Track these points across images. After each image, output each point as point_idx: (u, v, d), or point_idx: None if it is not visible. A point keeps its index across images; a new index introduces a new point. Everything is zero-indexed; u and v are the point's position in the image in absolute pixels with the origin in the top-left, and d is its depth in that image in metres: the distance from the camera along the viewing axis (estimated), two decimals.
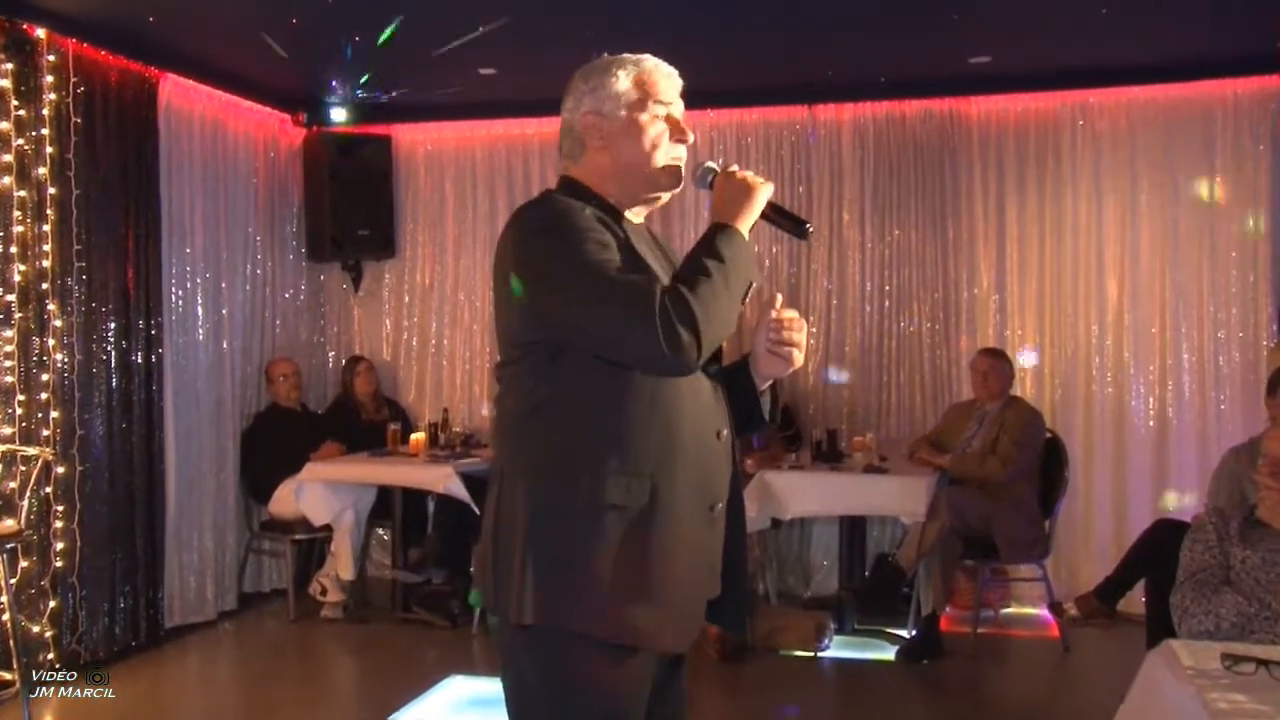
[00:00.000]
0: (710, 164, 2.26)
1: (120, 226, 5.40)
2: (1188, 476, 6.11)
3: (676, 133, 2.24)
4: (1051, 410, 6.31)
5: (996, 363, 5.84)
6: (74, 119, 5.09)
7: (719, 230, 2.11)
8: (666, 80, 2.25)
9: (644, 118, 2.21)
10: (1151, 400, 6.26)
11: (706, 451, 2.15)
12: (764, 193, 2.17)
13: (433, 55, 5.72)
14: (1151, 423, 6.25)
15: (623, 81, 2.22)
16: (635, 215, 2.28)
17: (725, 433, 2.20)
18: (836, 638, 5.63)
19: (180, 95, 5.92)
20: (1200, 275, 6.18)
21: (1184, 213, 6.20)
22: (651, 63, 2.26)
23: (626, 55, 2.27)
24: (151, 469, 5.60)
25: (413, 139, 7.28)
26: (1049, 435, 5.82)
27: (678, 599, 2.12)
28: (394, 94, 6.67)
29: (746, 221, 2.15)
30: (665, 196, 2.29)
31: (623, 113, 2.21)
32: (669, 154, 2.23)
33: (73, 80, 5.09)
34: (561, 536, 2.05)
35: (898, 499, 5.38)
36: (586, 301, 2.00)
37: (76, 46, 5.13)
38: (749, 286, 2.11)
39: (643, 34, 5.58)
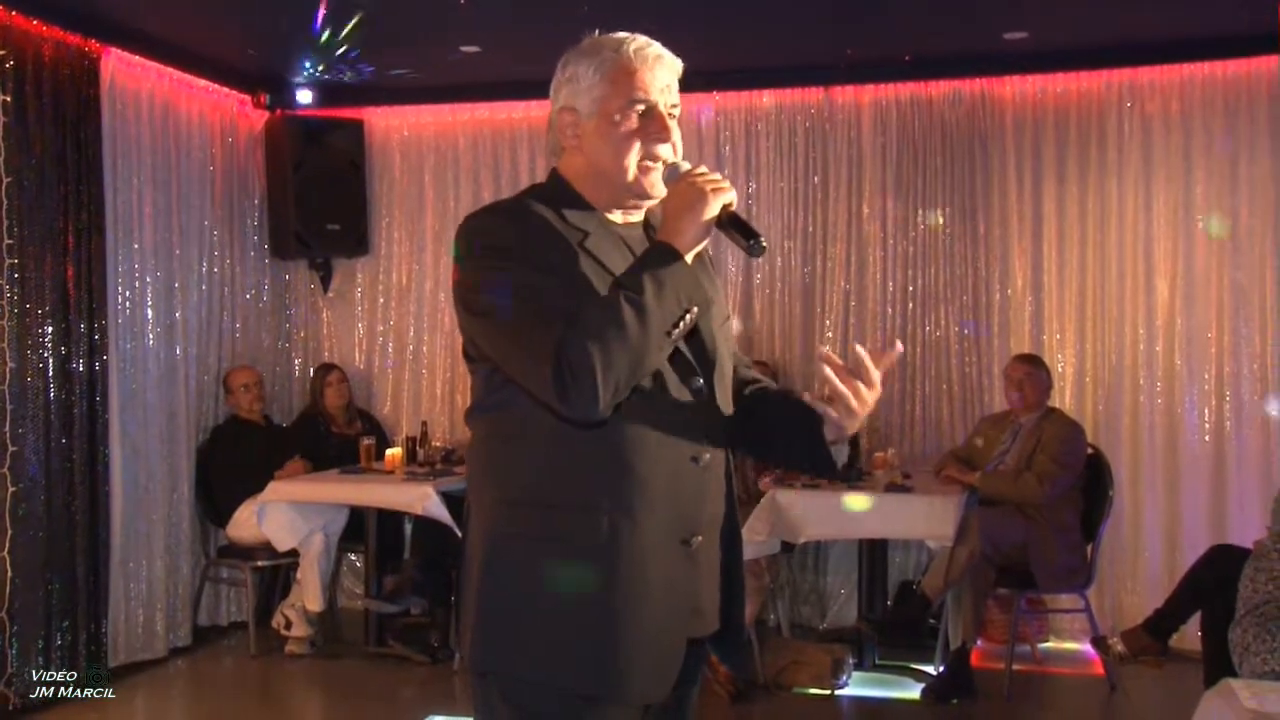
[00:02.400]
0: (682, 164, 2.16)
1: (58, 219, 5.30)
2: (1248, 497, 6.01)
3: (657, 132, 2.13)
4: (1094, 423, 6.24)
5: (1033, 370, 5.78)
6: (3, 97, 5.00)
7: (652, 254, 2.04)
8: (651, 68, 2.14)
9: (616, 118, 2.12)
10: (1207, 413, 6.16)
11: (680, 481, 2.12)
12: (716, 203, 2.06)
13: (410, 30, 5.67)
14: (1207, 438, 6.15)
15: (596, 73, 2.13)
16: (629, 214, 2.21)
17: (708, 456, 2.16)
18: (856, 674, 5.58)
19: (126, 72, 5.84)
20: (1264, 274, 6.07)
21: (1246, 204, 6.10)
22: (633, 47, 2.14)
23: (611, 37, 2.17)
24: (94, 489, 5.49)
25: (387, 124, 7.22)
26: (1091, 451, 5.75)
27: (645, 644, 2.07)
28: (366, 74, 6.61)
29: (691, 237, 2.05)
30: (647, 205, 2.21)
31: (595, 111, 2.13)
32: (645, 160, 2.13)
33: (0, 54, 5.01)
34: (513, 576, 2.08)
35: (923, 521, 5.32)
36: (499, 335, 2.04)
37: (4, 15, 5.04)
38: (682, 316, 2.01)
39: (641, 6, 5.52)
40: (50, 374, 5.27)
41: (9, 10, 5.06)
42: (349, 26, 5.55)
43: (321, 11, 5.47)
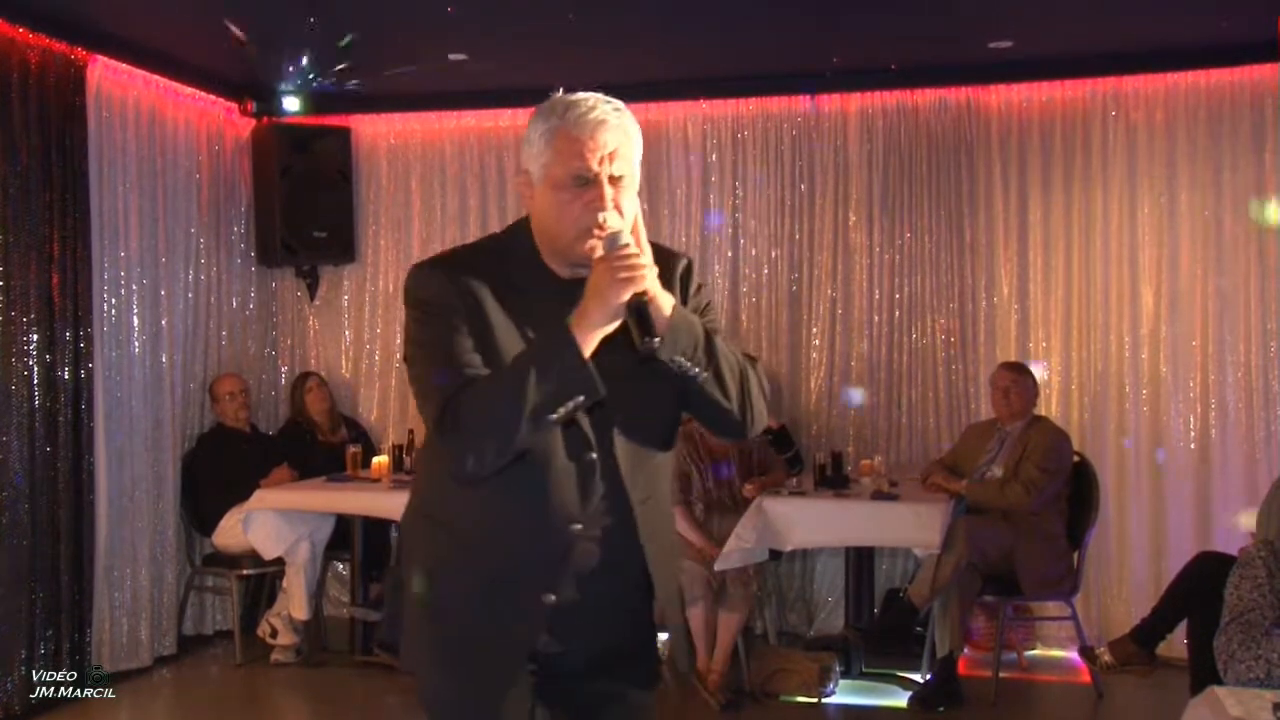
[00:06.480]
0: (622, 236, 2.13)
1: (44, 226, 5.28)
2: (1233, 505, 6.00)
3: (594, 202, 2.13)
4: (1079, 431, 6.25)
5: (1019, 378, 5.79)
6: None
7: (550, 339, 2.10)
8: (593, 134, 2.14)
9: (557, 187, 2.15)
10: (1192, 420, 6.17)
11: (537, 545, 2.23)
12: (625, 293, 2.07)
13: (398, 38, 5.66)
14: (1192, 446, 6.16)
15: (542, 139, 2.16)
16: (578, 271, 2.20)
17: (591, 522, 2.23)
18: (843, 682, 5.58)
19: (112, 80, 5.82)
20: (1248, 282, 6.09)
21: (1230, 213, 6.12)
22: (576, 114, 2.14)
23: (563, 99, 2.18)
24: (79, 498, 5.47)
25: (374, 131, 7.20)
26: (1077, 459, 5.75)
27: (466, 664, 2.29)
28: (354, 81, 6.59)
29: (596, 320, 2.08)
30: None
31: (542, 177, 2.17)
32: (584, 229, 2.14)
33: None
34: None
35: (910, 529, 5.31)
36: (411, 380, 2.24)
37: None
38: (564, 404, 2.06)
39: (629, 14, 5.52)
40: (35, 382, 5.24)
41: None
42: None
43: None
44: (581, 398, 2.06)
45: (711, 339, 2.19)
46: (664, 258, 2.28)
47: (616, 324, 2.09)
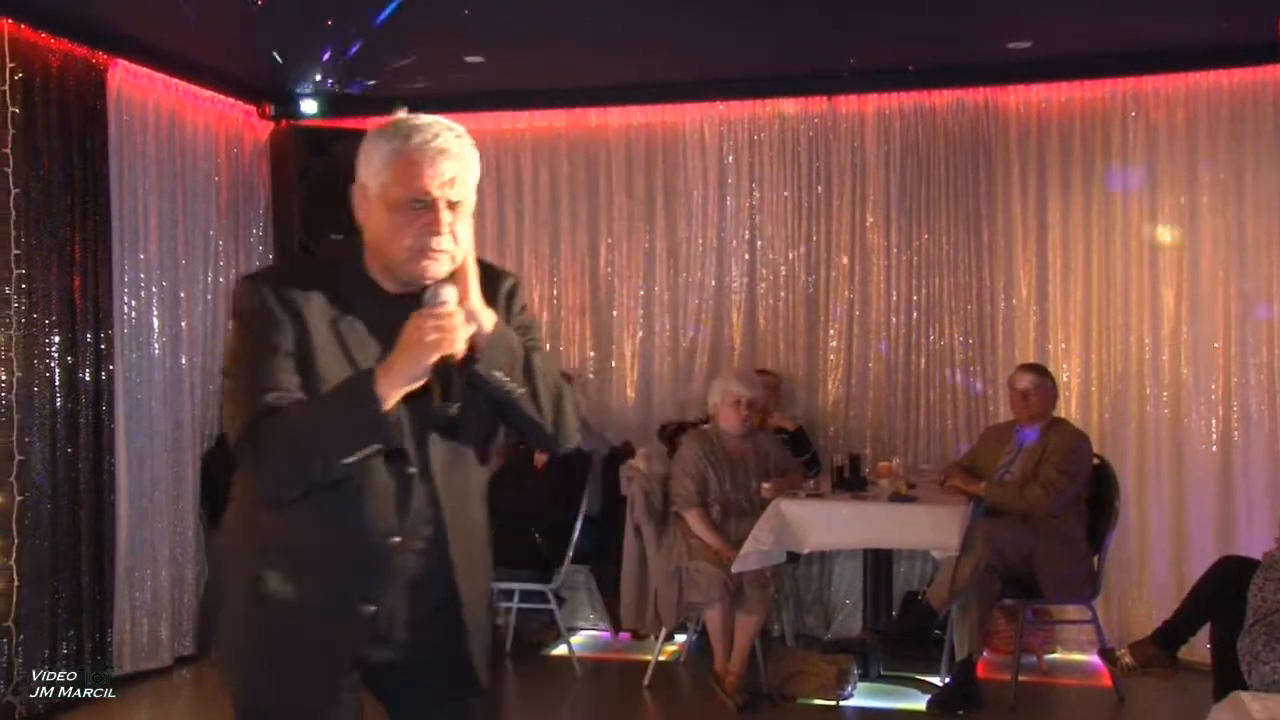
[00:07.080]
0: (444, 291, 2.16)
1: (65, 229, 5.30)
2: (1256, 508, 5.97)
3: (429, 224, 2.16)
4: (1099, 433, 6.21)
5: (1038, 380, 5.76)
6: (11, 109, 5.00)
7: (354, 388, 2.12)
8: (433, 163, 2.17)
9: (394, 208, 2.17)
10: (1214, 422, 6.12)
11: (354, 555, 2.25)
12: (432, 356, 2.09)
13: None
14: (1214, 448, 6.11)
15: (383, 159, 2.19)
16: (409, 287, 2.23)
17: (410, 534, 2.27)
18: (861, 685, 5.56)
19: (133, 83, 5.83)
20: (1270, 284, 6.04)
21: (1251, 214, 6.08)
22: (419, 140, 2.18)
23: (408, 122, 2.21)
24: (100, 498, 5.49)
25: None
26: (1097, 461, 5.73)
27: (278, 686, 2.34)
28: (371, 84, 6.60)
29: (400, 377, 2.09)
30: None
31: (379, 195, 2.19)
32: (418, 251, 2.17)
33: (9, 66, 4.99)
34: None
35: (928, 531, 5.31)
36: (225, 398, 2.26)
37: (13, 28, 5.04)
38: (361, 449, 2.09)
39: (644, 17, 5.52)
40: (56, 383, 5.27)
41: (18, 23, 5.07)
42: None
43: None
44: (378, 446, 2.10)
45: (530, 357, 2.26)
46: (491, 276, 2.34)
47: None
